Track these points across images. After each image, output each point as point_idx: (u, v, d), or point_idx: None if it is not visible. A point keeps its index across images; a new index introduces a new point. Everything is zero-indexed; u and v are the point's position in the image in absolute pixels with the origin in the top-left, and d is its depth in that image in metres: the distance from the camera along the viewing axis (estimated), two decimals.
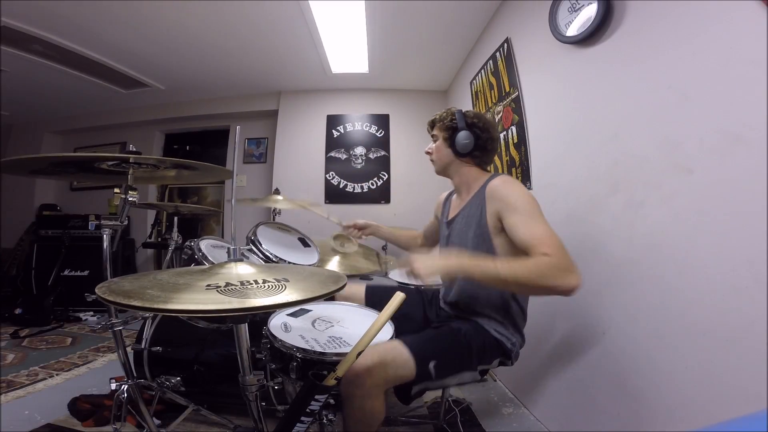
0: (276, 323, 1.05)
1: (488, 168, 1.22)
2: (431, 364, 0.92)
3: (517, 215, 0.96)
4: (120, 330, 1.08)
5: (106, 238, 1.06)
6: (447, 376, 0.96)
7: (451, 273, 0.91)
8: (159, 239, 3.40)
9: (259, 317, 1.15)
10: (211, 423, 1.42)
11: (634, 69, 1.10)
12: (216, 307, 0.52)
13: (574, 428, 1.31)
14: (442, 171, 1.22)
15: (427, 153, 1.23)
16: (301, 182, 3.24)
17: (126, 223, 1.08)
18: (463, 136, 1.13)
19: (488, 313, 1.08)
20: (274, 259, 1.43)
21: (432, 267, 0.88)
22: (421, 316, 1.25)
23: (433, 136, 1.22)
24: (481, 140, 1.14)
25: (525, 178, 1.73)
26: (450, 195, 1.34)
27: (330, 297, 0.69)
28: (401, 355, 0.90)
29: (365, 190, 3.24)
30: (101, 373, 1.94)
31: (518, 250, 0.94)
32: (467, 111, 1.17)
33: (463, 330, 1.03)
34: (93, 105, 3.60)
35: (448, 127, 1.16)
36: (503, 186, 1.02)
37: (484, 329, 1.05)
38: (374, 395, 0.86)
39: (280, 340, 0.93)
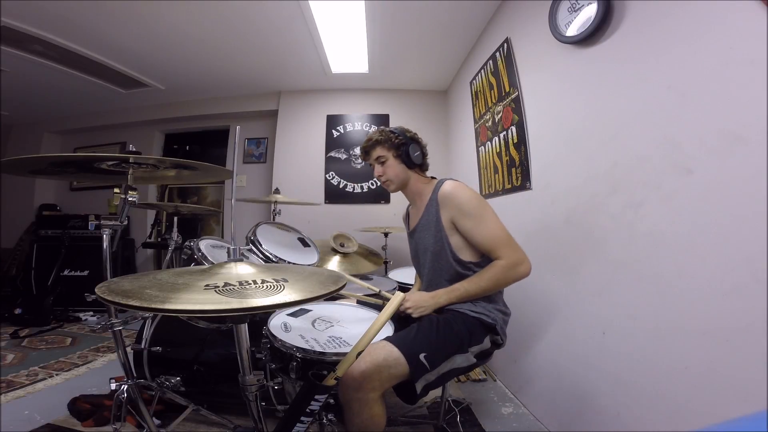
0: (276, 323, 1.05)
1: (427, 172, 1.32)
2: (422, 356, 0.93)
3: (470, 220, 1.09)
4: (120, 330, 1.08)
5: (105, 238, 1.06)
6: (440, 362, 0.97)
7: (437, 306, 1.10)
8: (159, 239, 3.40)
9: (259, 317, 1.15)
10: (211, 423, 1.42)
11: (634, 69, 1.10)
12: (214, 307, 0.52)
13: (574, 428, 1.31)
14: (401, 187, 1.28)
15: (378, 176, 1.27)
16: (301, 182, 3.24)
17: (126, 223, 1.08)
18: (414, 149, 1.23)
19: None
20: (273, 259, 1.43)
21: (422, 307, 1.09)
22: (408, 315, 1.26)
23: (378, 158, 1.25)
24: (424, 149, 1.28)
25: (525, 178, 1.73)
26: (408, 207, 1.40)
27: (330, 297, 0.69)
28: (391, 353, 0.91)
29: (365, 190, 3.24)
30: (101, 373, 1.95)
31: (471, 244, 1.11)
32: (398, 127, 1.26)
33: (442, 318, 1.08)
34: (93, 105, 3.60)
35: (397, 144, 1.23)
36: (454, 193, 1.12)
37: (461, 312, 1.10)
38: (372, 401, 0.87)
39: (280, 340, 0.93)
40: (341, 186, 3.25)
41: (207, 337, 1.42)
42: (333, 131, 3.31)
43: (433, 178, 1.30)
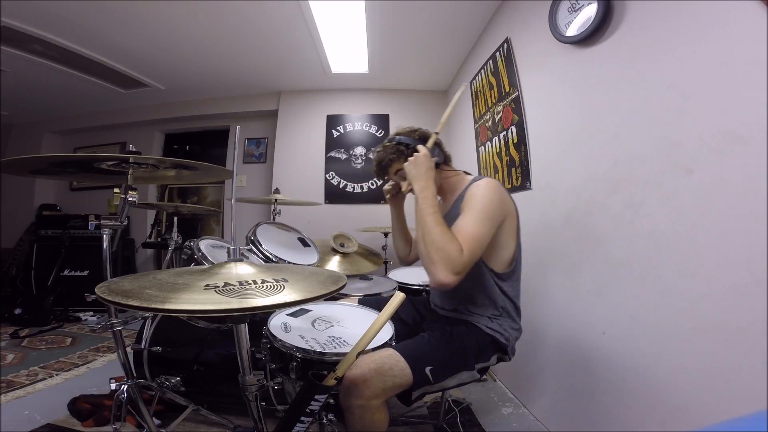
0: (276, 323, 1.05)
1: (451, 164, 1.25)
2: (427, 369, 0.91)
3: (465, 211, 0.99)
4: (120, 330, 1.08)
5: (105, 238, 1.06)
6: (445, 378, 0.96)
7: (414, 185, 1.04)
8: (159, 239, 3.40)
9: (259, 317, 1.15)
10: (211, 423, 1.42)
11: (634, 69, 1.10)
12: (214, 307, 0.52)
13: (574, 428, 1.31)
14: (438, 192, 1.20)
15: (410, 191, 1.15)
16: (301, 182, 3.24)
17: (126, 223, 1.08)
18: (431, 149, 1.13)
19: (478, 311, 1.08)
20: (273, 259, 1.43)
21: (413, 174, 1.04)
22: (412, 320, 1.24)
23: (398, 172, 1.18)
24: (438, 142, 1.19)
25: (525, 178, 1.73)
26: (439, 202, 1.34)
27: (330, 297, 0.69)
28: (397, 363, 0.89)
29: (365, 190, 3.25)
30: (101, 373, 1.95)
31: (490, 249, 1.02)
32: (401, 132, 1.19)
33: (456, 331, 1.04)
34: (93, 105, 3.60)
35: (411, 153, 1.13)
36: (475, 187, 1.05)
37: (476, 327, 1.06)
38: (374, 407, 0.85)
39: (280, 340, 0.93)
40: (341, 186, 3.25)
41: (207, 337, 1.42)
42: (333, 131, 3.31)
43: (466, 173, 1.23)
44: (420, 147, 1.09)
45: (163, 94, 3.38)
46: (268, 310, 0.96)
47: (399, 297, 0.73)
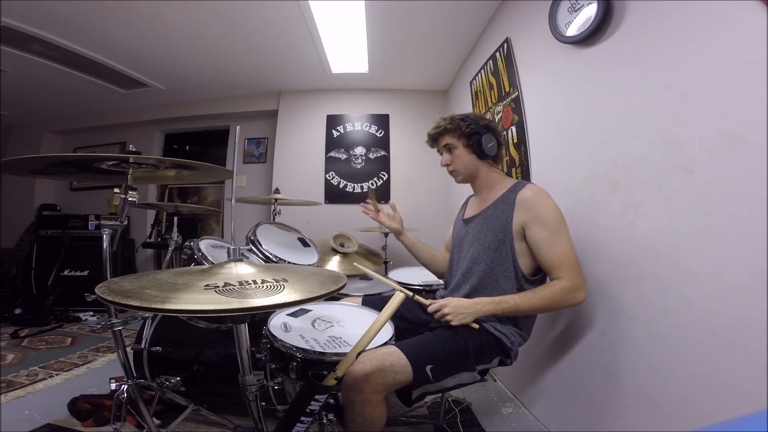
0: (276, 323, 1.05)
1: (501, 166, 1.25)
2: (428, 368, 0.92)
3: (543, 230, 1.03)
4: (120, 330, 1.08)
5: (105, 238, 1.06)
6: (445, 377, 0.96)
7: (478, 315, 1.03)
8: (159, 239, 3.40)
9: (259, 317, 1.15)
10: (211, 423, 1.42)
11: (634, 69, 1.10)
12: (214, 307, 0.52)
13: (574, 428, 1.31)
14: (468, 178, 1.22)
15: (446, 165, 1.21)
16: (301, 182, 3.24)
17: (126, 223, 1.08)
18: (488, 139, 1.14)
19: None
20: (273, 259, 1.43)
21: (462, 314, 1.01)
22: (417, 318, 1.24)
23: (446, 145, 1.19)
24: (500, 139, 1.20)
25: (525, 178, 1.73)
26: (470, 196, 1.35)
27: (330, 297, 0.69)
28: (399, 360, 0.90)
29: (365, 190, 3.25)
30: (101, 373, 1.95)
31: (534, 256, 1.06)
32: (471, 114, 1.18)
33: (460, 330, 1.03)
34: (93, 105, 3.60)
35: (468, 133, 1.15)
36: (537, 198, 1.06)
37: (483, 327, 1.05)
38: (374, 402, 0.87)
39: (280, 340, 0.93)
40: (341, 186, 3.26)
41: (207, 337, 1.42)
42: (333, 131, 3.32)
43: (508, 175, 1.23)
44: (397, 294, 0.84)
45: (163, 94, 3.38)
46: (268, 310, 0.96)
47: (399, 297, 0.73)
